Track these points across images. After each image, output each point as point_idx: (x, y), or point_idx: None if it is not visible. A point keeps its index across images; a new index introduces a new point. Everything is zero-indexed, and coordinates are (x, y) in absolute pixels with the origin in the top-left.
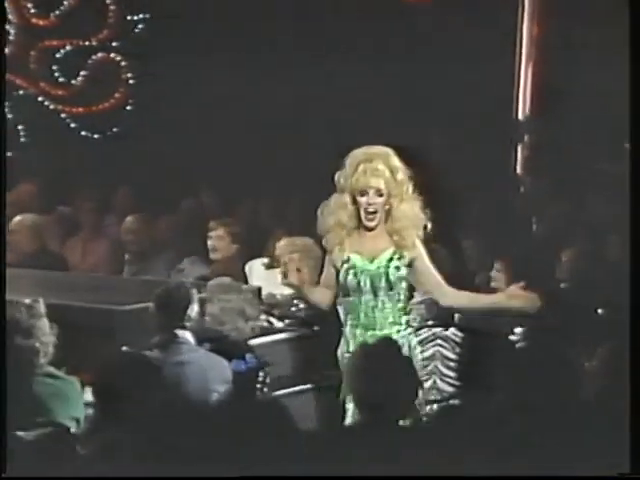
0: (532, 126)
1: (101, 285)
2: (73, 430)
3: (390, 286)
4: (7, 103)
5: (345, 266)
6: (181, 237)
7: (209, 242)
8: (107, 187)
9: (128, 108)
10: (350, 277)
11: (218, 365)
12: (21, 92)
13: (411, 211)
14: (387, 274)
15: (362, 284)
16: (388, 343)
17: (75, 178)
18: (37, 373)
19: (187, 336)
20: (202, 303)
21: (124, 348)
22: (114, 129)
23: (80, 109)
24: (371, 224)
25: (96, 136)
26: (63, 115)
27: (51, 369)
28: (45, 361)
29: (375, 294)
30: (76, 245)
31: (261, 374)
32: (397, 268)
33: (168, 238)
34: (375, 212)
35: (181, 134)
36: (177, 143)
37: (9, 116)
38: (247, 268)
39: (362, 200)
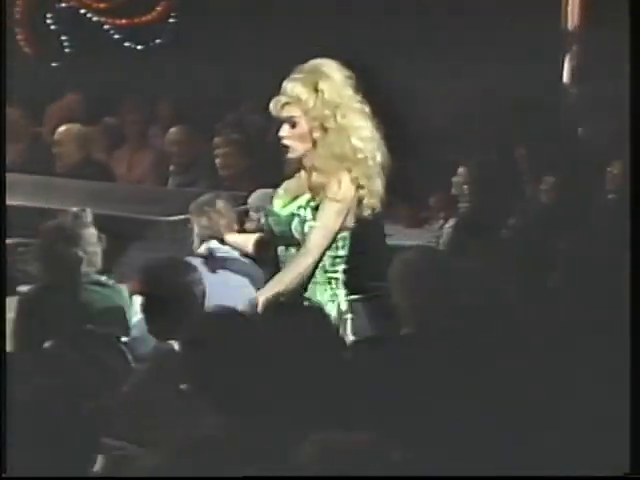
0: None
1: (146, 196)
2: (124, 339)
3: (296, 239)
4: (49, 15)
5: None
6: None
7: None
8: (151, 99)
9: (171, 20)
10: (265, 223)
11: (259, 274)
12: (63, 5)
13: (337, 144)
14: (290, 223)
15: (275, 233)
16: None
17: (119, 89)
18: (83, 281)
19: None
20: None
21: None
22: (157, 40)
23: (123, 21)
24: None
25: (139, 47)
26: (106, 27)
27: (99, 277)
28: (92, 270)
29: (286, 246)
30: (122, 156)
31: None
32: (302, 219)
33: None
34: (287, 147)
35: (224, 47)
36: (219, 56)
37: (52, 27)
38: None
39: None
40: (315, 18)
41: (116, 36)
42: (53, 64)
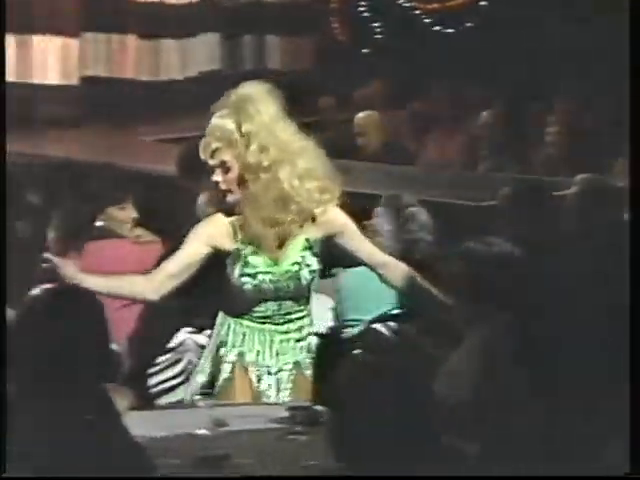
0: None
1: (455, 181)
2: None
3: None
4: (363, 2)
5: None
6: None
7: None
8: (459, 82)
9: (482, 3)
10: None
11: None
12: None
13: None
14: (297, 276)
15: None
16: None
17: (428, 73)
18: None
19: None
20: None
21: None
22: (467, 24)
23: (435, 5)
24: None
25: (449, 31)
26: (417, 12)
27: None
28: None
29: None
30: (430, 140)
31: None
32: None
33: None
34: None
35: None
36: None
37: (365, 14)
38: None
39: None
40: None
41: (426, 20)
42: (364, 50)
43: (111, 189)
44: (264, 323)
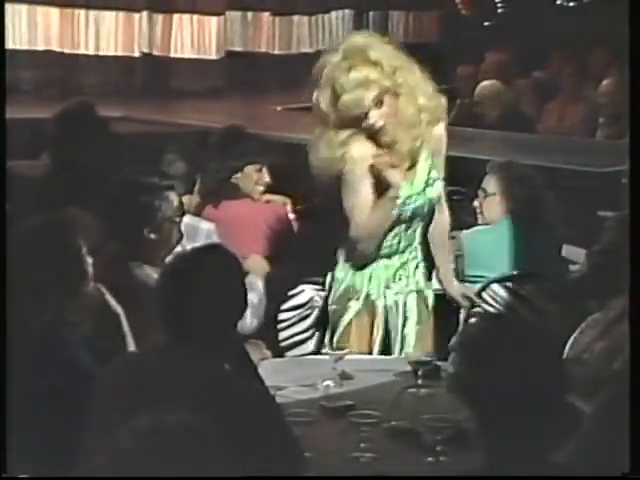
0: None
1: (575, 148)
2: None
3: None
4: None
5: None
6: None
7: None
8: (582, 50)
9: None
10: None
11: None
12: None
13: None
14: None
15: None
16: None
17: (550, 44)
18: None
19: None
20: None
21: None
22: None
23: None
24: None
25: (571, 4)
26: None
27: None
28: None
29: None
30: (552, 109)
31: None
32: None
33: None
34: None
35: None
36: None
37: None
38: None
39: None
40: None
41: None
42: (486, 23)
43: (249, 154)
44: (389, 257)
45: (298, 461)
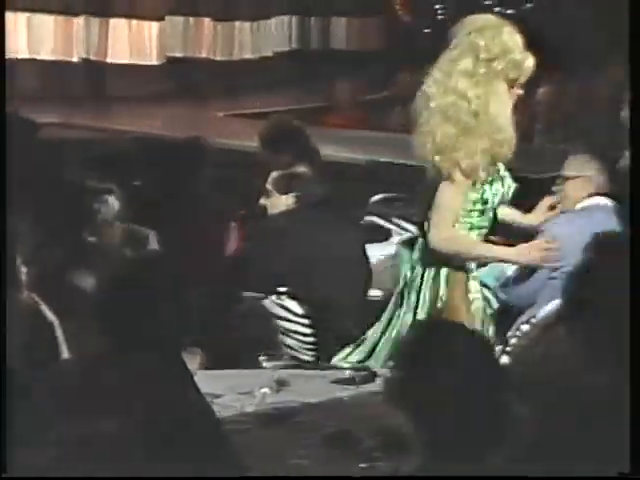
0: None
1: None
2: None
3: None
4: None
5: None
6: None
7: None
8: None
9: None
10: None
11: None
12: None
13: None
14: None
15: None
16: None
17: None
18: None
19: None
20: None
21: None
22: (528, 5)
23: None
24: None
25: (509, 12)
26: None
27: None
28: None
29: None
30: None
31: None
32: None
33: None
34: None
35: None
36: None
37: None
38: None
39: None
40: None
41: (486, 2)
42: (425, 30)
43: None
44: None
45: (235, 469)
